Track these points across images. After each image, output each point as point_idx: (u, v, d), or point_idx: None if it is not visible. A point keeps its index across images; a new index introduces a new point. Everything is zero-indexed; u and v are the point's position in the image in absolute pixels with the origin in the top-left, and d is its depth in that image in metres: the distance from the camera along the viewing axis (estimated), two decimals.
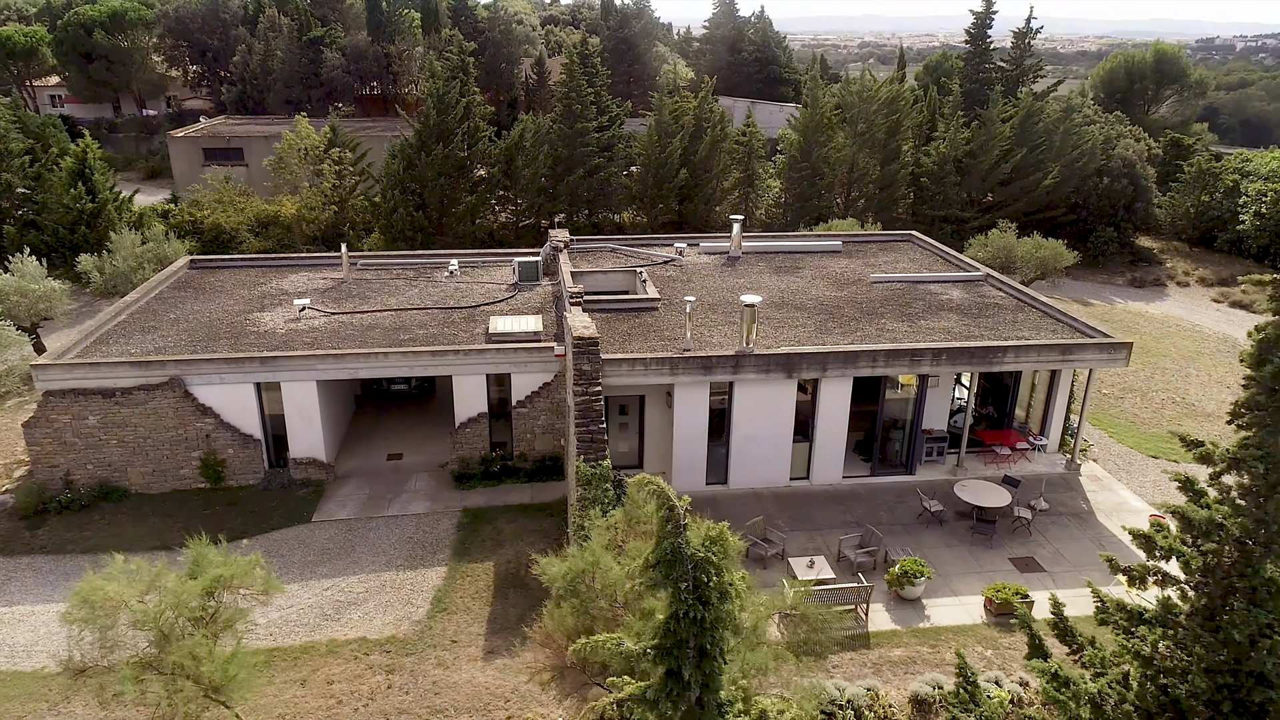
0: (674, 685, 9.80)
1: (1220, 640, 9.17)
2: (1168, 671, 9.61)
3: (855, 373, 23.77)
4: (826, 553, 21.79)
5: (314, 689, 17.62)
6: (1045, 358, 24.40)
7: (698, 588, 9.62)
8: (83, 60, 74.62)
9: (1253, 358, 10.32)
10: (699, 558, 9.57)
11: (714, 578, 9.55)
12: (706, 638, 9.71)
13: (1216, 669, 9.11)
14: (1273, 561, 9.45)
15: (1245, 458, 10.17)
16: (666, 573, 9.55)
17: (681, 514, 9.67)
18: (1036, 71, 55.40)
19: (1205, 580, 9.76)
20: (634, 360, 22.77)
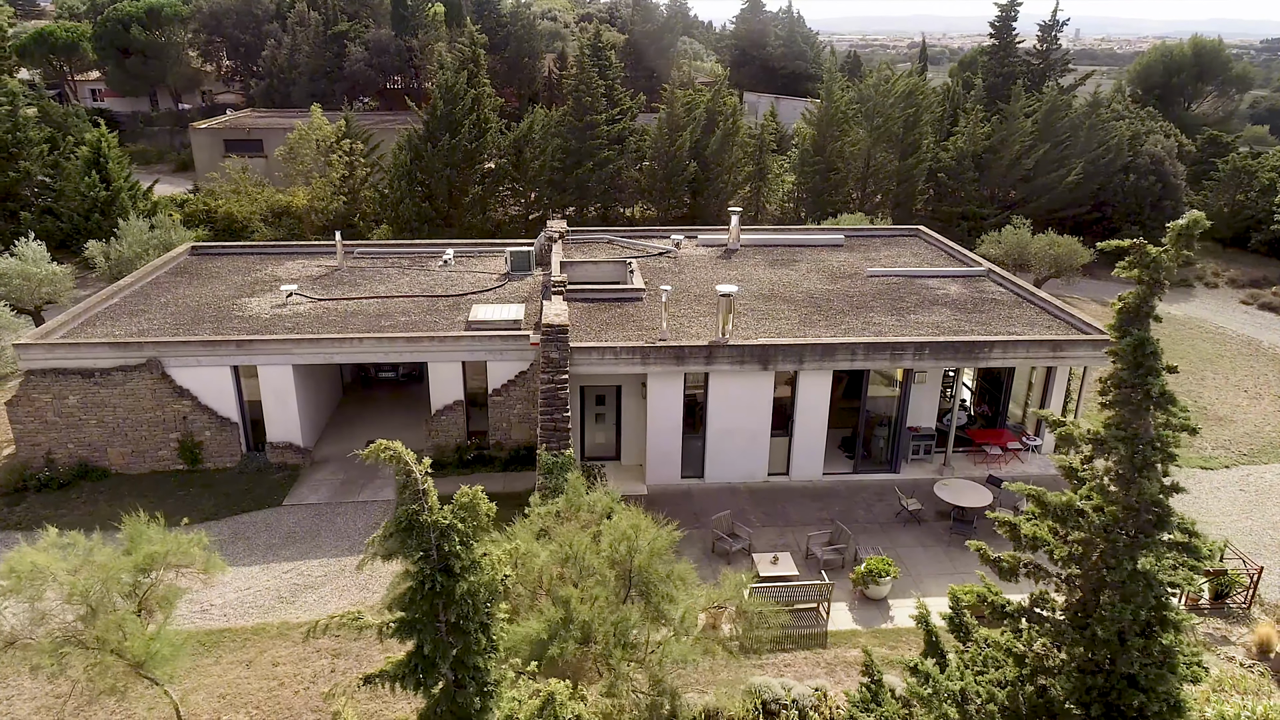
0: (419, 661, 9.28)
1: (1087, 638, 8.53)
2: (1045, 671, 8.98)
3: (834, 366, 23.15)
4: (795, 550, 21.23)
5: (259, 670, 17.56)
6: (1034, 354, 23.53)
7: (444, 557, 9.12)
8: (120, 55, 76.24)
9: (1113, 329, 9.63)
10: (443, 525, 9.10)
11: (461, 547, 9.03)
12: (457, 611, 9.20)
13: (1086, 669, 8.46)
14: (1146, 553, 8.77)
15: (1107, 439, 9.44)
16: (404, 541, 9.08)
17: (421, 480, 9.19)
18: (1064, 65, 53.80)
19: (1075, 573, 9.09)
20: (604, 349, 22.41)
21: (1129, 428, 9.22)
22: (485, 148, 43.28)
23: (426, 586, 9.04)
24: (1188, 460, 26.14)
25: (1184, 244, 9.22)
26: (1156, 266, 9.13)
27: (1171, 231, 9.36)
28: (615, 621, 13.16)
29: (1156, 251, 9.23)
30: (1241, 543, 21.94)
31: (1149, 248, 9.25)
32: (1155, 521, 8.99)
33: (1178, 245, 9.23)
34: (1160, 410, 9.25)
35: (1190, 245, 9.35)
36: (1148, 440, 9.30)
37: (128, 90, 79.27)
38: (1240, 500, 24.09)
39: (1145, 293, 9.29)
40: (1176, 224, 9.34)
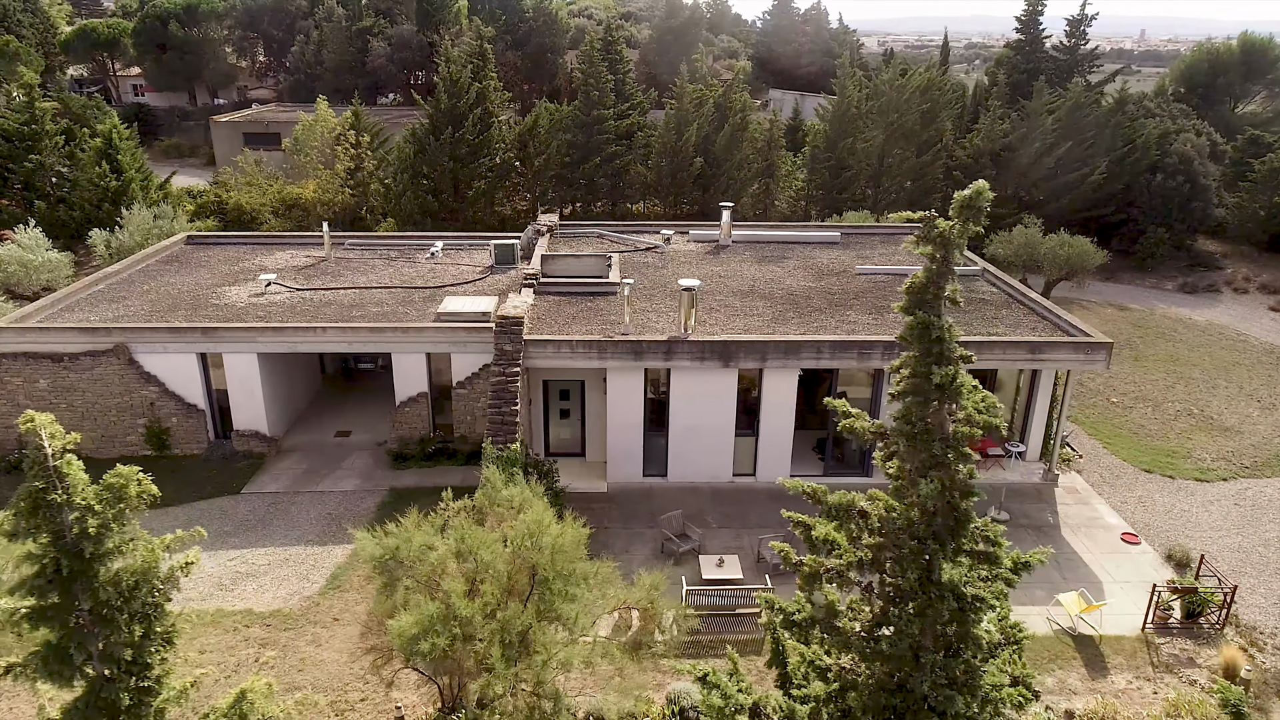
0: (51, 653, 8.69)
1: (881, 653, 7.81)
2: (852, 687, 8.28)
3: (799, 364, 22.40)
4: (749, 553, 20.55)
5: (184, 656, 17.44)
6: (1011, 355, 22.50)
7: (77, 540, 8.58)
8: (158, 51, 78.01)
9: (903, 309, 8.82)
10: (79, 506, 8.58)
11: (99, 529, 8.45)
12: (98, 597, 8.63)
13: (886, 686, 7.75)
14: (950, 564, 7.98)
15: (892, 433, 8.64)
16: (28, 521, 8.54)
17: (54, 458, 8.68)
18: (1092, 61, 51.89)
19: (873, 581, 8.35)
20: (560, 342, 21.98)
21: (916, 421, 8.40)
22: (490, 142, 43.14)
23: (52, 570, 8.50)
24: (1181, 471, 24.85)
25: (969, 216, 8.43)
26: (945, 242, 8.31)
27: (956, 203, 8.59)
28: (502, 620, 12.71)
29: (945, 225, 8.42)
30: (1227, 560, 20.71)
31: (938, 221, 8.44)
32: (952, 527, 8.22)
33: (963, 217, 8.45)
34: (951, 402, 8.45)
35: (977, 218, 8.55)
36: (941, 436, 8.47)
37: (166, 85, 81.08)
38: (1233, 515, 22.76)
39: (935, 270, 8.48)
40: (961, 195, 8.56)
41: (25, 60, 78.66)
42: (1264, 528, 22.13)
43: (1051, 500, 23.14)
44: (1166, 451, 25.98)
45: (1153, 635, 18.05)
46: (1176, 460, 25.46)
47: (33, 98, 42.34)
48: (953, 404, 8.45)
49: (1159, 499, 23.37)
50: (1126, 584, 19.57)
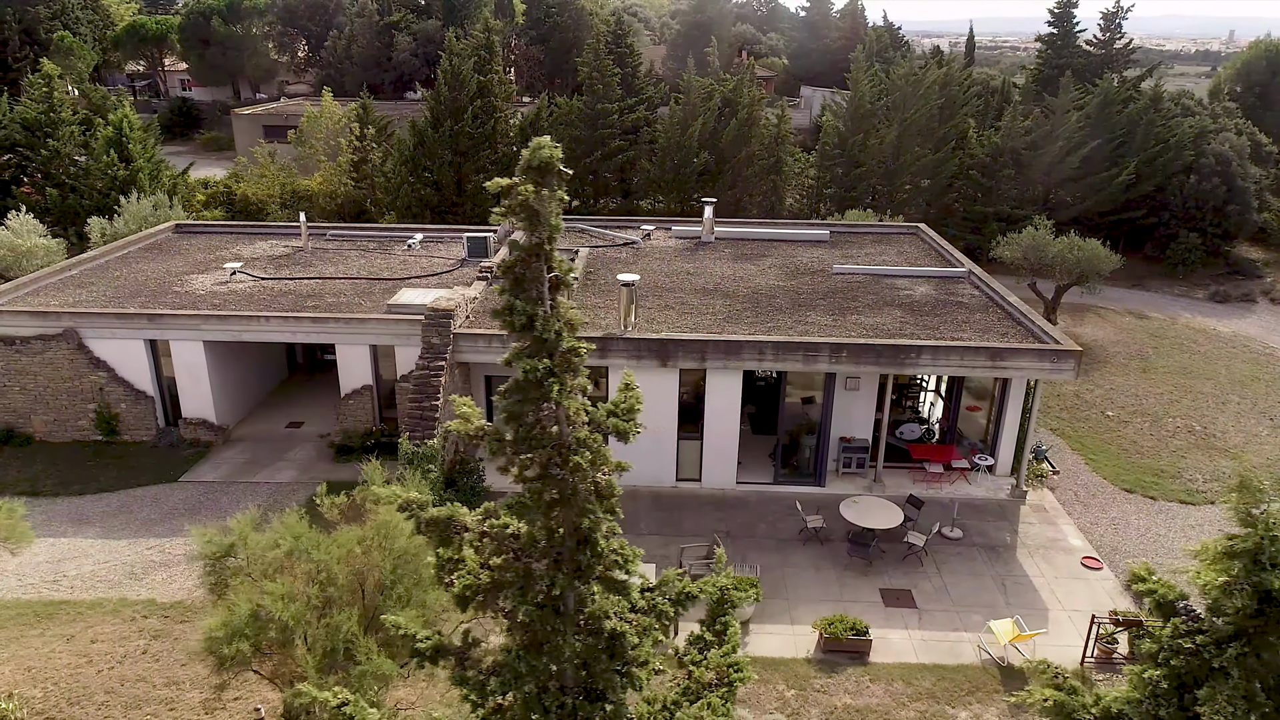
0: None
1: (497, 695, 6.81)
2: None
3: (741, 365, 21.32)
4: (672, 562, 19.55)
5: (76, 645, 17.23)
6: (969, 362, 21.06)
7: None
8: (202, 46, 79.87)
9: (501, 292, 7.68)
10: None
11: None
12: None
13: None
14: (578, 581, 6.84)
15: (490, 436, 7.50)
16: None
17: None
18: (1128, 57, 49.19)
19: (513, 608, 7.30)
20: (490, 336, 21.29)
21: (524, 423, 7.26)
22: (491, 135, 42.70)
23: None
24: (1166, 492, 23.03)
25: (539, 179, 7.33)
26: (531, 211, 7.22)
27: (520, 166, 7.51)
28: (327, 625, 12.04)
29: (527, 190, 7.29)
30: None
31: (522, 188, 7.30)
32: (575, 551, 7.16)
33: (534, 181, 7.36)
34: (552, 401, 7.28)
35: (552, 183, 7.44)
36: (556, 443, 7.33)
37: (210, 80, 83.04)
38: None
39: (528, 246, 7.34)
40: (525, 154, 7.47)
41: (79, 55, 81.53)
42: None
43: (1014, 518, 21.63)
44: (1154, 471, 24.15)
45: (1091, 670, 16.57)
46: (1163, 480, 23.63)
47: (52, 88, 43.32)
48: (554, 404, 7.30)
49: (1134, 521, 21.66)
50: (1076, 613, 18.06)
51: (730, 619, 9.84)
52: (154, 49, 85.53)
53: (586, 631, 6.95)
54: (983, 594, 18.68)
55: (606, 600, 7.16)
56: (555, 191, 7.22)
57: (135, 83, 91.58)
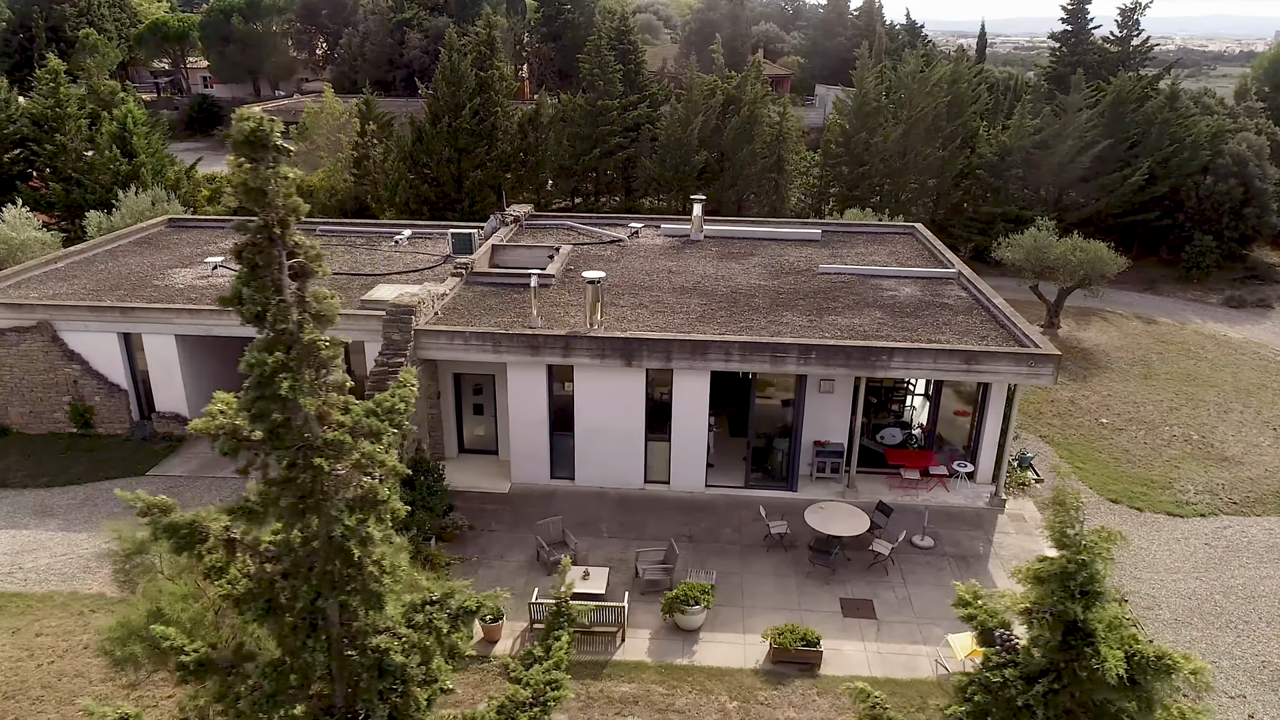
0: None
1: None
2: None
3: (707, 366, 20.79)
4: (631, 566, 19.09)
5: (21, 638, 17.16)
6: (943, 365, 20.37)
7: None
8: (222, 43, 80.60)
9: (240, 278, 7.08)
10: None
11: None
12: None
13: None
14: (329, 594, 6.28)
15: (224, 436, 6.95)
16: None
17: None
18: (1146, 54, 47.82)
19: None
20: (453, 333, 20.97)
21: (269, 422, 6.68)
22: (490, 131, 42.46)
23: None
24: (1154, 504, 22.16)
25: (252, 155, 6.81)
26: (255, 193, 6.71)
27: (233, 139, 6.99)
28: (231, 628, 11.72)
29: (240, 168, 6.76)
30: (1173, 607, 18.20)
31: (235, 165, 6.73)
32: (336, 567, 6.65)
33: (242, 154, 6.85)
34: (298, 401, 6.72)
35: (271, 159, 6.91)
36: (300, 445, 6.76)
37: (230, 77, 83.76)
38: (1199, 556, 20.08)
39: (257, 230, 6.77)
40: (239, 128, 6.95)
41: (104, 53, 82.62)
42: (1230, 573, 19.42)
43: (990, 528, 20.90)
44: (1145, 481, 23.26)
45: None
46: (1153, 491, 22.74)
47: (58, 83, 43.76)
48: (297, 402, 6.75)
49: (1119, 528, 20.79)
50: None
51: (564, 633, 9.29)
52: (176, 46, 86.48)
53: (355, 649, 6.52)
54: (947, 606, 17.90)
55: (380, 615, 6.73)
56: (278, 169, 6.77)
57: (159, 80, 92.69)
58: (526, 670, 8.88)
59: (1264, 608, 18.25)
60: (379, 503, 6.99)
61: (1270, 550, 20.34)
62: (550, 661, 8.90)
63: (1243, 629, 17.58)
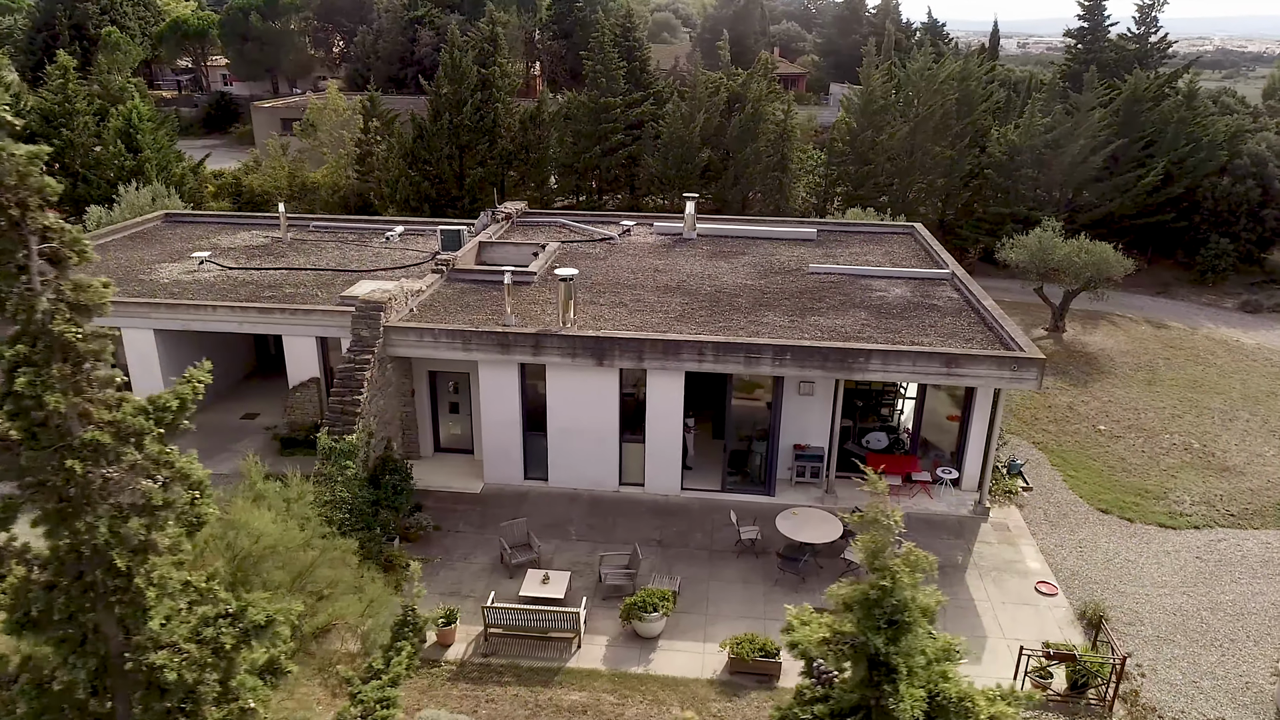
0: None
1: None
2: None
3: (680, 366, 20.31)
4: (595, 571, 18.67)
5: None
6: (922, 368, 19.74)
7: None
8: (241, 41, 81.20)
9: None
10: None
11: None
12: None
13: None
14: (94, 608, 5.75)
15: None
16: None
17: None
18: (1164, 52, 46.57)
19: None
20: (422, 330, 20.67)
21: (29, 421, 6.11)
22: (491, 128, 42.21)
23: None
24: (1146, 515, 21.36)
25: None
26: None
27: None
28: None
29: None
30: (1156, 623, 17.46)
31: None
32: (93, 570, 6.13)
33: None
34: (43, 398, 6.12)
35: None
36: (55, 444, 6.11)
37: (248, 75, 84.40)
38: (1188, 570, 19.29)
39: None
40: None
41: (125, 51, 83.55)
42: (1220, 588, 18.63)
43: (972, 537, 20.24)
44: (1139, 490, 22.46)
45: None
46: (1146, 501, 21.94)
47: (67, 79, 44.12)
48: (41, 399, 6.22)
49: (1103, 545, 20.10)
50: (1017, 641, 16.66)
51: (406, 645, 8.77)
52: (197, 45, 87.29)
53: (131, 665, 6.14)
54: None
55: (147, 630, 6.30)
56: (3, 147, 6.35)
57: (181, 78, 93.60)
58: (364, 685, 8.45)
59: (1253, 625, 17.46)
60: (157, 509, 6.59)
61: (1265, 565, 19.50)
62: (387, 677, 8.44)
63: (1228, 647, 16.82)
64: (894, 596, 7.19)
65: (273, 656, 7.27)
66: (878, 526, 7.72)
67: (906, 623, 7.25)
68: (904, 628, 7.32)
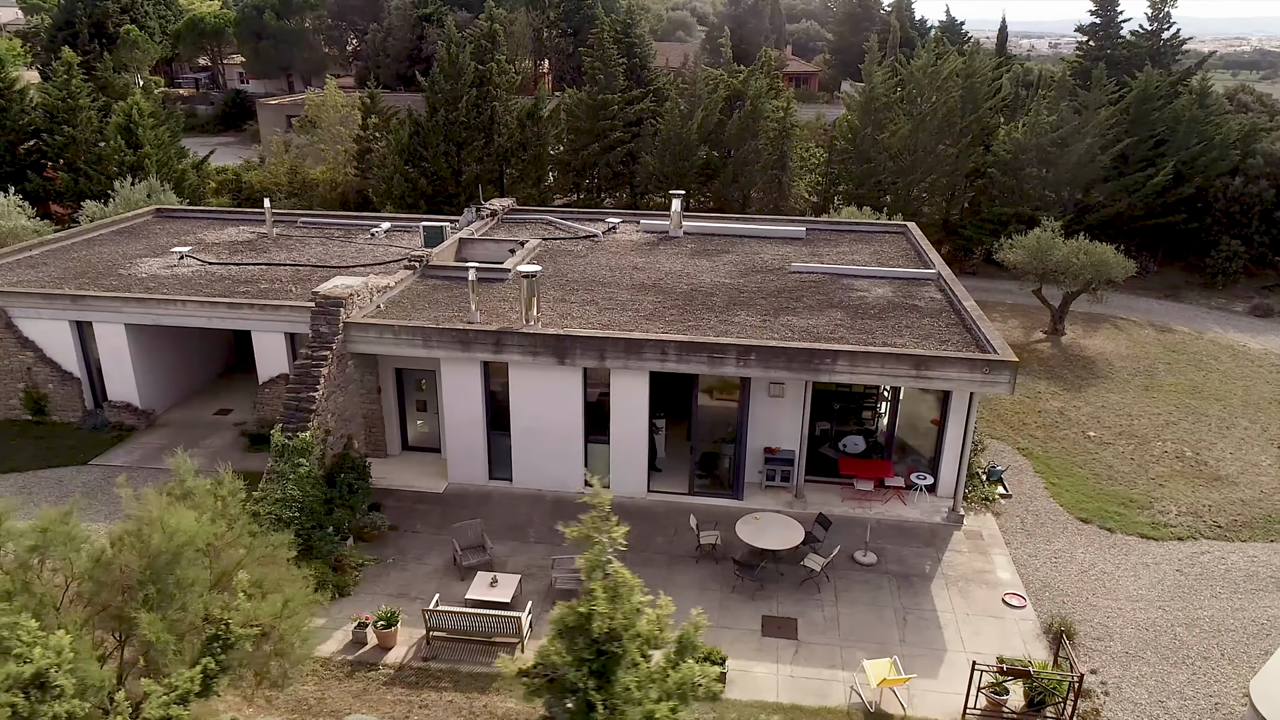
0: None
1: None
2: None
3: (643, 366, 19.84)
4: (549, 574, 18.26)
5: None
6: (891, 370, 19.12)
7: None
8: (256, 39, 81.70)
9: None
10: None
11: None
12: None
13: None
14: None
15: None
16: None
17: None
18: (1178, 49, 45.33)
19: None
20: (382, 326, 20.35)
21: None
22: (489, 125, 41.94)
23: None
24: (1128, 525, 20.58)
25: None
26: None
27: None
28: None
29: None
30: (1127, 639, 16.75)
31: None
32: None
33: None
34: None
35: None
36: None
37: (263, 73, 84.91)
38: (1167, 584, 18.52)
39: None
40: None
41: (144, 49, 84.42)
42: (1198, 603, 17.86)
43: (944, 545, 19.59)
44: (1123, 500, 21.67)
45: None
46: (1130, 511, 21.16)
47: (71, 75, 44.45)
48: None
49: (1080, 555, 19.37)
50: (979, 655, 16.02)
51: (210, 664, 8.25)
52: (213, 43, 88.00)
53: None
54: (878, 628, 16.82)
55: None
56: None
57: (199, 76, 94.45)
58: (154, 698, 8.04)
59: (1229, 643, 16.70)
60: None
61: (1249, 580, 18.69)
62: (175, 693, 8.02)
63: (1200, 665, 16.08)
64: (595, 623, 6.33)
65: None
66: (593, 541, 6.99)
67: (615, 653, 6.41)
68: (614, 659, 6.48)
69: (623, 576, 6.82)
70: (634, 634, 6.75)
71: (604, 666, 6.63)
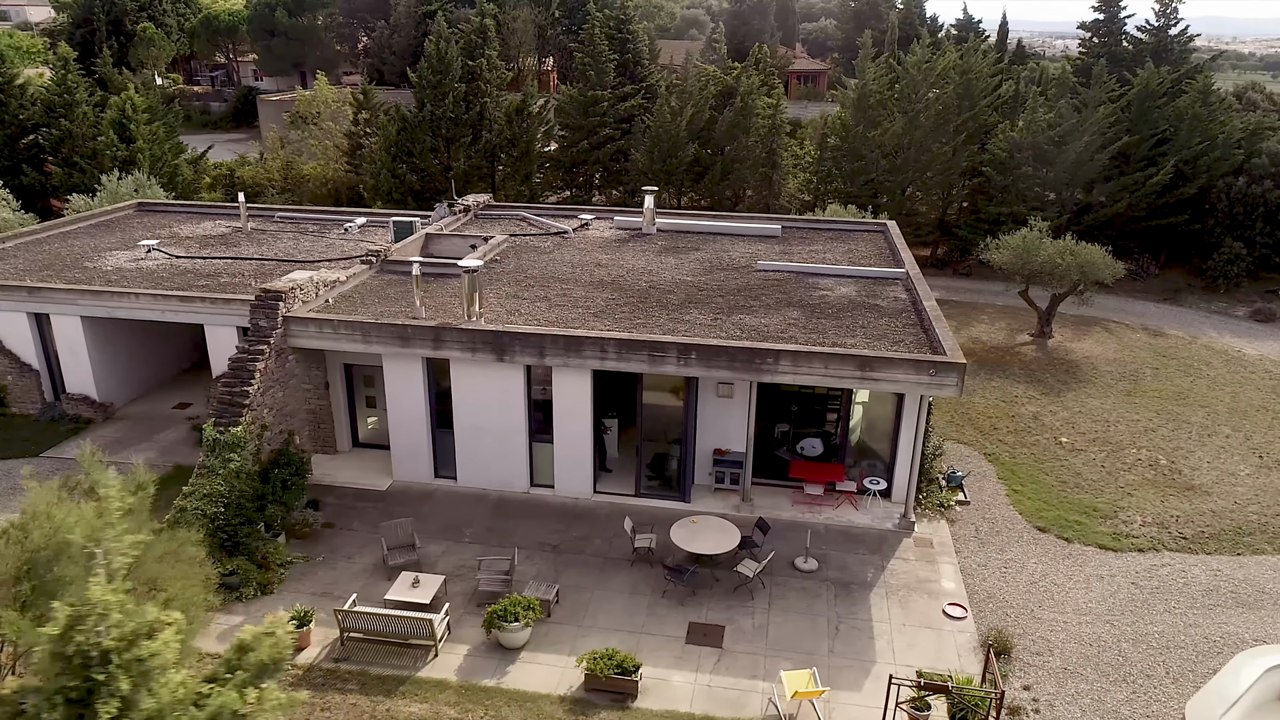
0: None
1: None
2: None
3: (584, 363, 19.41)
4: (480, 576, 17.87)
5: None
6: (835, 371, 18.53)
7: None
8: (268, 37, 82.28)
9: None
10: None
11: None
12: None
13: None
14: None
15: None
16: None
17: None
18: (1185, 45, 44.08)
19: None
20: (322, 321, 20.08)
21: None
22: (477, 120, 41.73)
23: None
24: (1087, 535, 19.83)
25: None
26: None
27: None
28: None
29: None
30: (1067, 654, 16.06)
31: None
32: None
33: None
34: None
35: None
36: None
37: (275, 70, 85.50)
38: (1120, 597, 17.78)
39: None
40: None
41: (160, 47, 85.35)
42: (1149, 618, 17.10)
43: (890, 553, 18.96)
44: (1085, 509, 20.90)
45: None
46: (1090, 520, 20.39)
47: (68, 70, 44.82)
48: None
49: (1030, 566, 18.67)
50: (910, 668, 15.43)
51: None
52: (228, 40, 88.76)
53: None
54: (807, 638, 16.27)
55: None
56: None
57: (214, 73, 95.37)
58: None
59: (1175, 661, 15.95)
60: None
61: (1207, 595, 17.90)
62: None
63: (1141, 684, 15.36)
64: (80, 639, 5.31)
65: None
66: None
67: (99, 680, 5.40)
68: (145, 678, 5.51)
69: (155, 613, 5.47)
70: (138, 656, 5.67)
71: (91, 698, 5.97)
